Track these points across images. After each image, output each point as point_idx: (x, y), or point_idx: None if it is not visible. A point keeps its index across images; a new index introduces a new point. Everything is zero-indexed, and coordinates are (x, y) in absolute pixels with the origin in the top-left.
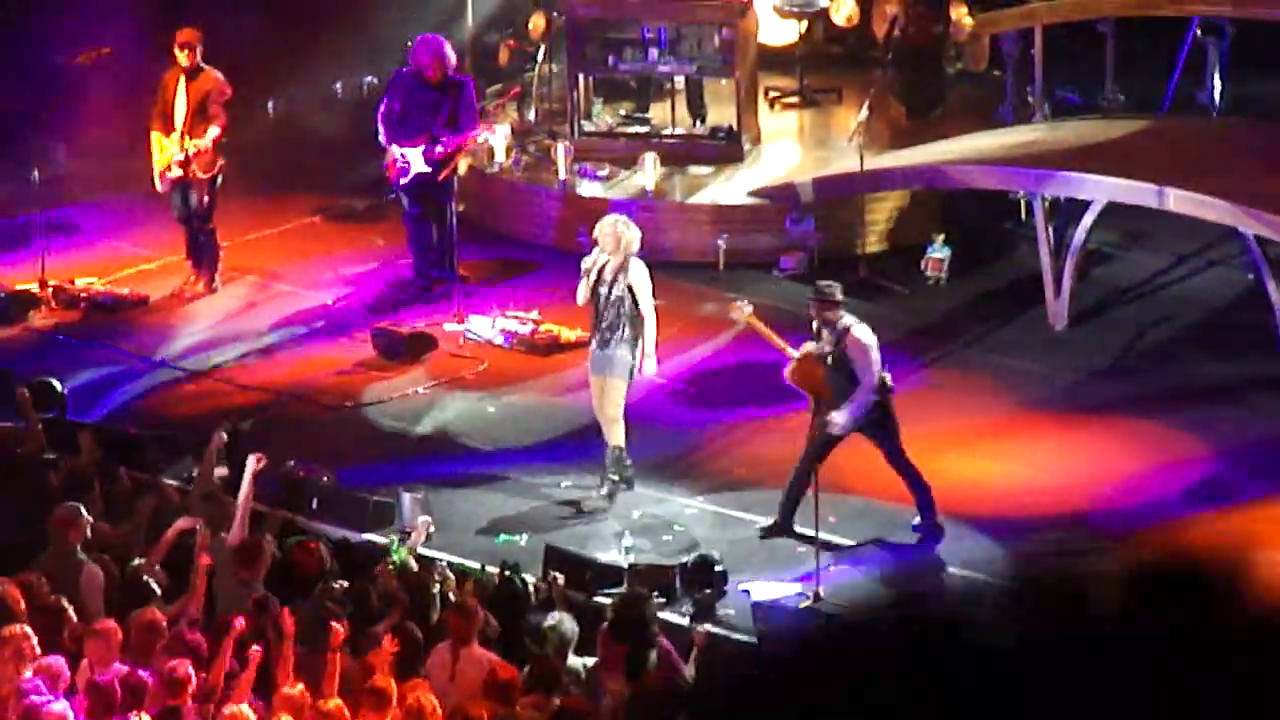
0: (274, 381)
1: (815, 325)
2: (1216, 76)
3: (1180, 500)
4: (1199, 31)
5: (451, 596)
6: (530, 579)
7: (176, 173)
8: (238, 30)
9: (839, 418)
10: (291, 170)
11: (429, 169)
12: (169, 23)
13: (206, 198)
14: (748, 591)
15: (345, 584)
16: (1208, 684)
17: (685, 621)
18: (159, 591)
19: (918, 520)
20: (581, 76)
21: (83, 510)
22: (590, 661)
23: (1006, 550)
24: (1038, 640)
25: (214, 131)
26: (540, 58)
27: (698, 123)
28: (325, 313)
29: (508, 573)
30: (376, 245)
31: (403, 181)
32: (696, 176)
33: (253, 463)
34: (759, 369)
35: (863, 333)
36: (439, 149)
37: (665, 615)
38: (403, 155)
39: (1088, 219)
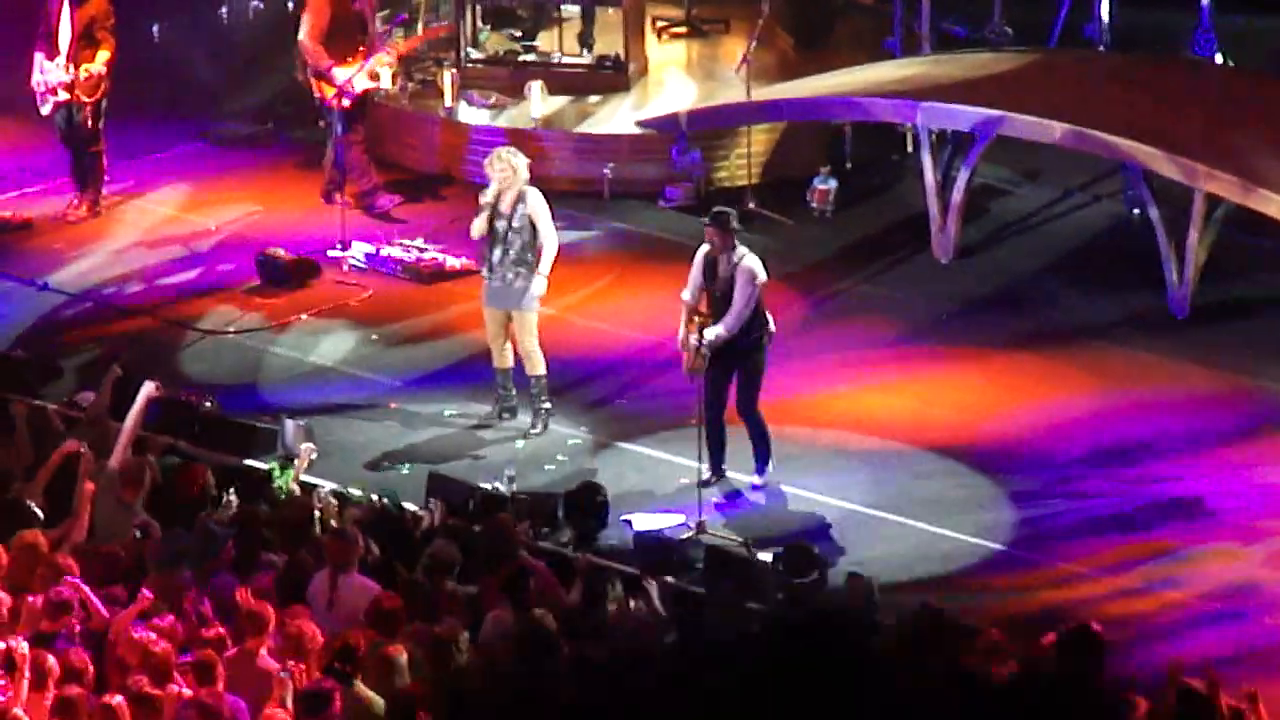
0: (157, 306)
1: (707, 253)
2: (1104, 10)
3: (1061, 437)
4: None
5: (332, 523)
6: (412, 507)
7: (62, 96)
8: None
9: (711, 334)
10: (176, 95)
11: (373, 84)
12: None
13: (91, 121)
14: (629, 522)
15: (233, 504)
16: None
17: (568, 550)
18: (40, 515)
19: (757, 479)
20: (469, 3)
21: None
22: (474, 589)
23: (887, 483)
24: None
25: (104, 56)
26: None
27: (585, 51)
28: (209, 237)
29: (388, 500)
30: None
31: (345, 104)
32: (583, 106)
33: (150, 388)
34: (641, 300)
35: (754, 263)
36: (386, 61)
37: (548, 545)
38: (348, 78)
39: (974, 153)
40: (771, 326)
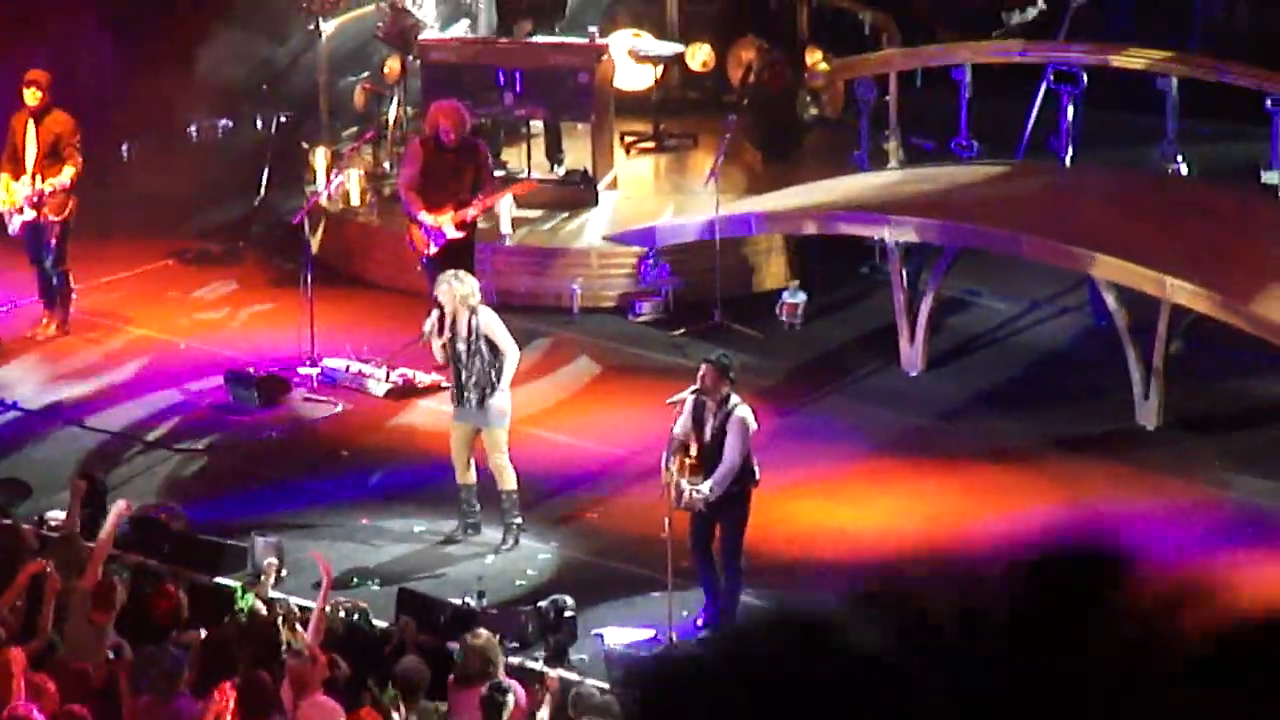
0: (126, 424)
1: (696, 395)
2: (1070, 123)
3: (1029, 546)
4: (1052, 79)
5: (298, 641)
6: (382, 623)
7: (29, 215)
8: (92, 72)
9: (705, 489)
10: (146, 213)
11: (459, 234)
12: (23, 64)
13: (58, 240)
14: (601, 636)
15: (202, 632)
16: None
17: (539, 667)
18: (5, 636)
19: (700, 619)
20: None
21: None
22: (443, 707)
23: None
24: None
25: (70, 171)
26: (395, 101)
27: (555, 167)
28: (178, 355)
29: (356, 617)
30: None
31: (432, 251)
32: (552, 220)
33: (120, 506)
34: (611, 414)
35: (746, 413)
36: (470, 212)
37: (518, 660)
38: (435, 223)
39: (942, 265)
40: (757, 475)
